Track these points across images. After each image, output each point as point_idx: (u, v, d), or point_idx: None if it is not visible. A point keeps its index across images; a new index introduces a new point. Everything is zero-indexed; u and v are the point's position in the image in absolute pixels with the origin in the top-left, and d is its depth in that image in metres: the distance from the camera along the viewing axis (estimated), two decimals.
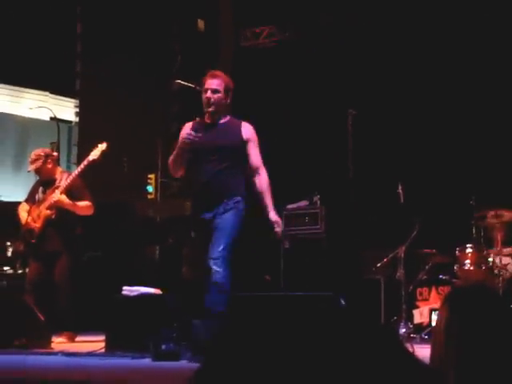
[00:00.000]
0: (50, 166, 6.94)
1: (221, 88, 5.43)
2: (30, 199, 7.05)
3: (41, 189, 7.03)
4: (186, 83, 25.11)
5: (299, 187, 10.28)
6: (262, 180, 5.67)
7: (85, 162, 6.84)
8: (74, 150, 30.04)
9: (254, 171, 5.67)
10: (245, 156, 5.54)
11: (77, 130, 31.30)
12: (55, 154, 7.30)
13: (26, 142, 33.37)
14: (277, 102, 12.00)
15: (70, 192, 6.75)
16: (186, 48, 25.94)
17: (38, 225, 6.71)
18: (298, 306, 4.00)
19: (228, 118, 5.72)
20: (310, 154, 11.36)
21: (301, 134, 11.66)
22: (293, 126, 11.80)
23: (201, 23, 26.33)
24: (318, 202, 9.16)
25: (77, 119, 31.43)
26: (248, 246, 11.89)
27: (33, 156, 7.01)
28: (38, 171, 6.97)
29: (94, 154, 6.83)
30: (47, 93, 34.75)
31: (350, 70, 11.06)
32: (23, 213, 6.84)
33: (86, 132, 28.14)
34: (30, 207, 6.84)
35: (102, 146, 6.85)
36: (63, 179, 6.85)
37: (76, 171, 6.93)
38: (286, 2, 12.36)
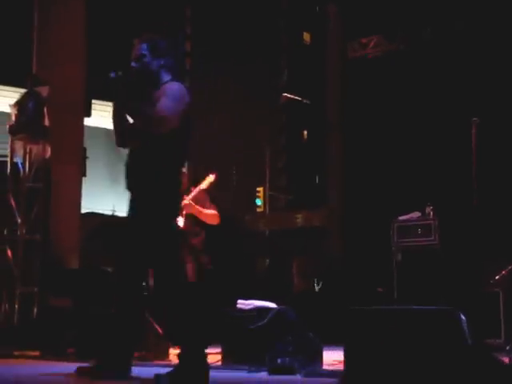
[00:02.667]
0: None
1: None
2: None
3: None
4: (292, 96, 25.22)
5: (410, 198, 10.11)
6: None
7: (196, 190, 6.95)
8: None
9: None
10: None
11: None
12: None
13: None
14: (390, 111, 11.87)
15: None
16: (293, 61, 26.08)
17: None
18: (418, 321, 3.93)
19: None
20: (423, 164, 11.17)
21: (411, 145, 11.49)
22: (404, 136, 11.64)
23: (307, 36, 26.43)
24: (431, 213, 8.96)
25: None
26: (361, 259, 11.79)
27: None
28: None
29: (205, 185, 6.95)
30: None
31: (473, 76, 10.81)
32: None
33: (195, 147, 28.78)
34: None
35: (210, 178, 6.96)
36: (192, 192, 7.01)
37: (196, 190, 7.02)
38: (392, 12, 12.24)
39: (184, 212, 6.86)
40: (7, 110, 8.41)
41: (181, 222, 6.87)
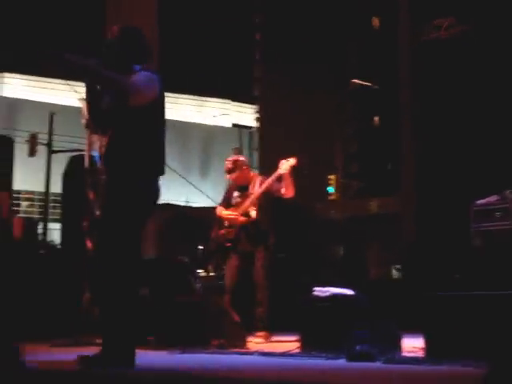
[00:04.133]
0: (245, 172, 7.16)
1: None
2: (226, 202, 7.25)
3: (236, 193, 7.21)
4: (362, 82, 24.94)
5: (488, 182, 9.90)
6: None
7: (276, 174, 6.93)
8: (255, 155, 30.75)
9: None
10: None
11: (257, 135, 32.12)
12: (242, 158, 7.47)
13: (210, 149, 34.72)
14: (464, 94, 11.61)
15: (267, 194, 6.91)
16: (362, 46, 25.78)
17: (234, 228, 6.93)
18: (501, 306, 3.85)
19: None
20: (500, 148, 10.90)
21: (490, 128, 11.21)
22: (482, 119, 11.37)
23: (375, 20, 26.08)
24: (510, 197, 8.75)
25: (256, 124, 32.22)
26: (436, 244, 11.61)
27: (229, 165, 7.21)
28: (235, 179, 7.16)
29: (284, 169, 6.89)
30: (229, 100, 35.86)
31: None
32: (225, 213, 7.05)
33: (265, 136, 28.82)
34: (227, 210, 7.06)
35: (291, 161, 6.90)
36: (257, 184, 7.02)
37: (270, 179, 7.02)
38: None
39: (256, 203, 6.86)
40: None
41: (253, 212, 6.90)
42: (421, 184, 13.91)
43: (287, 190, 6.88)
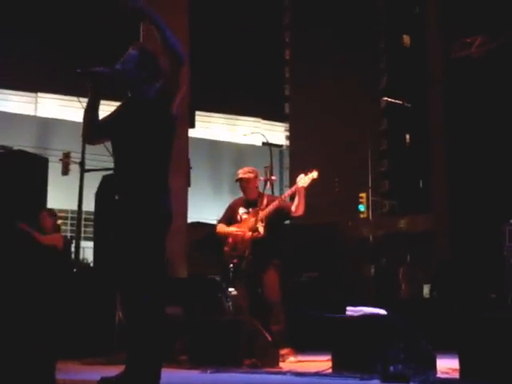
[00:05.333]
0: (257, 185, 7.04)
1: None
2: (228, 220, 7.12)
3: (243, 210, 7.07)
4: (393, 100, 24.89)
5: None
6: None
7: (292, 189, 6.85)
8: (286, 173, 30.84)
9: None
10: None
11: (287, 153, 32.21)
12: (274, 177, 7.43)
13: (241, 168, 34.79)
14: (496, 112, 11.55)
15: (278, 212, 6.81)
16: (393, 64, 25.77)
17: (241, 245, 6.79)
18: None
19: None
20: None
21: None
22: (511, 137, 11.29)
23: (406, 38, 26.06)
24: None
25: (287, 142, 32.31)
26: (469, 264, 11.50)
27: (248, 173, 7.13)
28: (248, 190, 7.03)
29: (304, 182, 6.78)
30: (259, 119, 36.07)
31: None
32: (228, 229, 6.92)
33: (296, 155, 28.89)
34: (231, 227, 6.93)
35: (313, 175, 6.80)
36: (265, 201, 6.87)
37: (281, 197, 6.94)
38: (495, 9, 11.91)
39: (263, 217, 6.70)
40: None
41: (261, 228, 6.73)
42: (453, 202, 13.83)
43: (297, 208, 6.66)
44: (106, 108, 4.17)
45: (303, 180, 6.60)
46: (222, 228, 6.82)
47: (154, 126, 4.15)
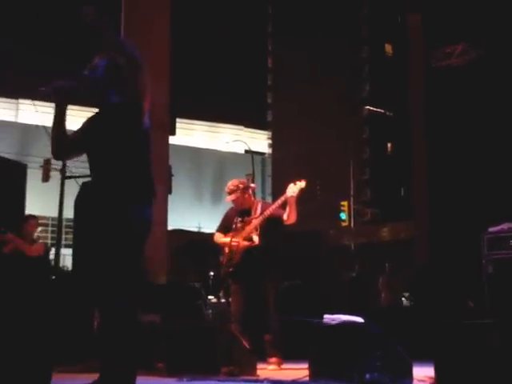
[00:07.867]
0: (247, 196, 7.08)
1: None
2: (224, 228, 7.17)
3: (237, 218, 7.14)
4: (375, 109, 24.99)
5: (502, 210, 9.85)
6: None
7: (282, 199, 6.89)
8: (268, 181, 30.78)
9: None
10: None
11: (270, 160, 32.14)
12: (253, 185, 7.44)
13: (223, 175, 34.84)
14: (477, 120, 11.61)
15: (270, 220, 6.84)
16: (375, 73, 25.84)
17: (237, 254, 6.83)
18: None
19: None
20: (510, 174, 10.87)
21: (498, 155, 11.20)
22: (495, 146, 11.36)
23: (388, 47, 26.15)
24: None
25: (269, 150, 32.24)
26: (448, 272, 11.54)
27: (230, 186, 7.18)
28: (235, 201, 7.11)
29: (293, 192, 6.84)
30: (241, 126, 36.07)
31: None
32: (224, 239, 6.97)
33: (278, 162, 28.88)
34: (229, 236, 6.98)
35: (301, 184, 6.85)
36: (258, 209, 6.93)
37: (273, 206, 6.99)
38: (476, 18, 12.00)
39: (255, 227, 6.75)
40: None
41: (255, 238, 6.79)
42: (433, 210, 13.89)
43: (289, 216, 6.74)
44: (80, 114, 4.15)
45: (292, 189, 6.67)
46: (219, 238, 6.95)
47: (123, 134, 4.10)
